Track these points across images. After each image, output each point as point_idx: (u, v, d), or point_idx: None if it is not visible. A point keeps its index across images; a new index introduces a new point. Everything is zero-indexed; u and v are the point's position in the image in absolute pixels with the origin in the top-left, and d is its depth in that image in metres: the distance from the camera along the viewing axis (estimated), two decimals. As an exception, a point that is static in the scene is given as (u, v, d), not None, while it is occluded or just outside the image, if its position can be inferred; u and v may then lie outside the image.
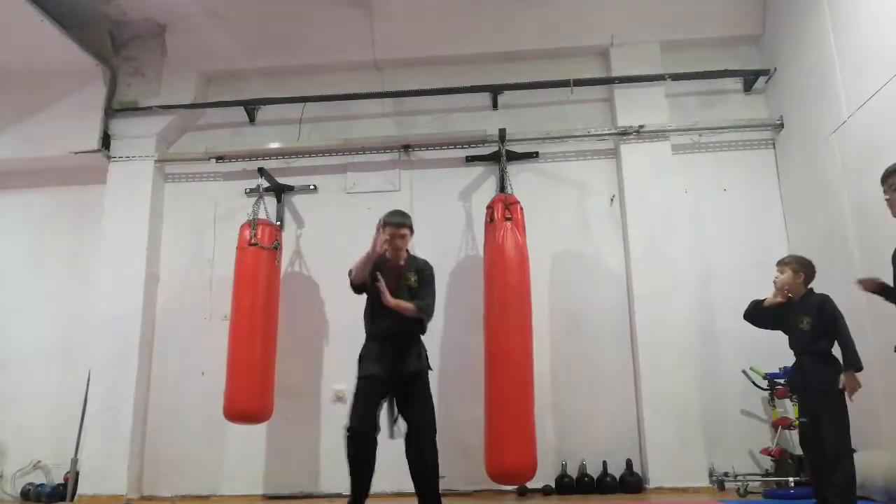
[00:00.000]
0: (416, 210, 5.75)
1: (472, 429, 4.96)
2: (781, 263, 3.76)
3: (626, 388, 5.27)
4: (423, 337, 3.94)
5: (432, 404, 3.78)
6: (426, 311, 3.86)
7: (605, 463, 5.04)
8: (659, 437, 5.00)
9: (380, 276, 3.74)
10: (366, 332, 3.91)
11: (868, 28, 4.31)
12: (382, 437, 3.72)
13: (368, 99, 5.96)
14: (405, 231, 3.93)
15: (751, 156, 5.73)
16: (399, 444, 3.70)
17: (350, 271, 3.87)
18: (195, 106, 6.06)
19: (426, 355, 3.89)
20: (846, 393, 3.39)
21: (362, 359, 3.82)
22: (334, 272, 4.78)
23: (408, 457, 3.70)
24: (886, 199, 3.06)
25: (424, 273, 3.97)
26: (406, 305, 3.78)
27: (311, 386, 5.47)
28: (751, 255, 5.38)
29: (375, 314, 3.85)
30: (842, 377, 3.39)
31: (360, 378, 3.75)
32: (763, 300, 3.75)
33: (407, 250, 4.00)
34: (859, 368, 3.39)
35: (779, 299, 3.70)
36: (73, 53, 5.67)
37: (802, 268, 3.68)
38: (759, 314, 3.78)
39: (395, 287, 3.80)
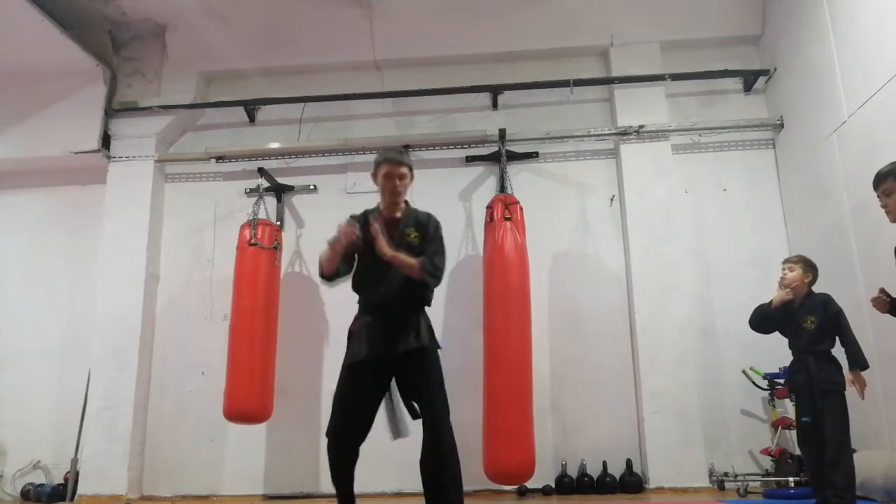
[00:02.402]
0: (416, 210, 5.78)
1: (473, 429, 4.93)
2: (790, 262, 3.76)
3: (626, 388, 5.27)
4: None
5: (443, 393, 2.93)
6: (432, 273, 2.98)
7: (605, 463, 5.04)
8: (659, 437, 5.00)
9: (373, 221, 2.96)
10: (357, 304, 3.12)
11: (868, 28, 4.31)
12: (380, 437, 3.04)
13: (368, 99, 5.96)
14: (405, 170, 3.08)
15: (751, 156, 5.73)
16: (400, 442, 3.19)
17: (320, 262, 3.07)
18: (195, 106, 6.06)
19: (431, 329, 3.05)
20: (857, 391, 3.38)
21: (350, 337, 3.05)
22: (334, 272, 4.77)
23: (420, 467, 2.92)
24: (882, 206, 3.04)
25: (428, 226, 3.11)
26: (408, 261, 2.94)
27: (311, 386, 5.45)
28: (751, 255, 5.39)
29: (365, 279, 3.04)
30: (849, 376, 3.39)
31: (343, 366, 2.98)
32: (769, 303, 3.74)
33: (406, 200, 3.18)
34: (865, 367, 3.41)
35: (788, 296, 3.68)
36: (73, 53, 5.68)
37: (810, 269, 3.69)
38: (766, 317, 3.74)
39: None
